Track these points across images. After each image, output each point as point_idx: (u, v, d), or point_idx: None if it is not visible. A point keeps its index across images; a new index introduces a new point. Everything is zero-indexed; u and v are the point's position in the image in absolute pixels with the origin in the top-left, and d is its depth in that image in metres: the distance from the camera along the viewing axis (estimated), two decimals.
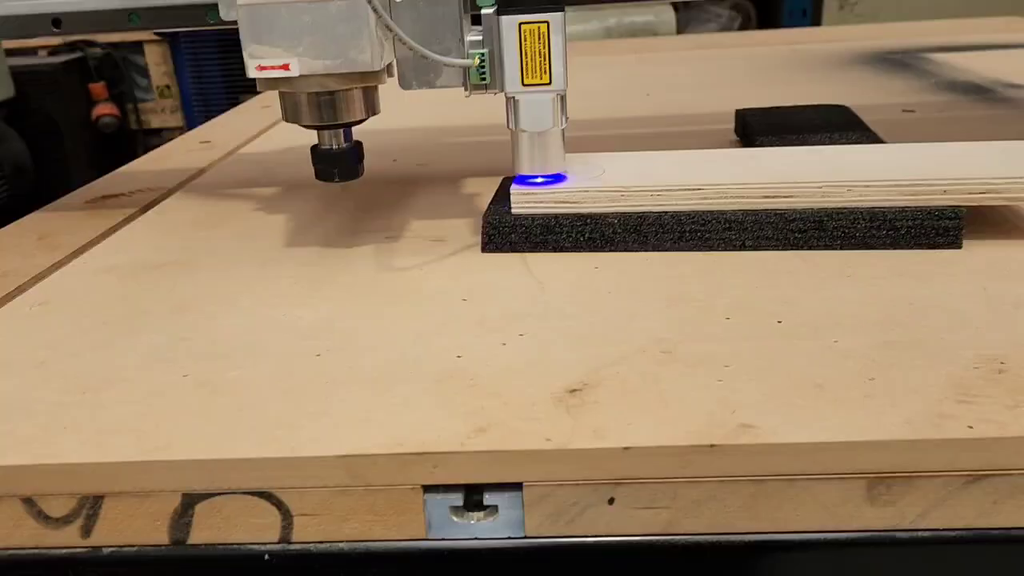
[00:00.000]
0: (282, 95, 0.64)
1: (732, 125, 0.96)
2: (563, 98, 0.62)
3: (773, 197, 0.63)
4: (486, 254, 0.66)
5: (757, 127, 0.88)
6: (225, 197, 0.84)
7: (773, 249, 0.63)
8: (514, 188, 0.65)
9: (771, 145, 0.80)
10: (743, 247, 0.63)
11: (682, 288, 0.57)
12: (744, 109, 0.96)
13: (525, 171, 0.66)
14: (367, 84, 0.63)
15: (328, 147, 0.65)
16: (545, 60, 0.62)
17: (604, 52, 1.66)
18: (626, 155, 0.72)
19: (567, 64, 0.63)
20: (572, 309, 0.56)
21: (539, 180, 0.66)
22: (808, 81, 1.25)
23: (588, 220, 0.64)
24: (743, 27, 2.59)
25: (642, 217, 0.64)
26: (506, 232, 0.65)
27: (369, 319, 0.55)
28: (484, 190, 0.81)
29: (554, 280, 0.60)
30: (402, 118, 1.16)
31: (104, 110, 2.59)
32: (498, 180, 0.74)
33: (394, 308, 0.57)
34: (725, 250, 0.63)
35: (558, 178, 0.66)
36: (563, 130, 0.65)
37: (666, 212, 0.64)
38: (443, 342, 0.51)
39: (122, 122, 2.66)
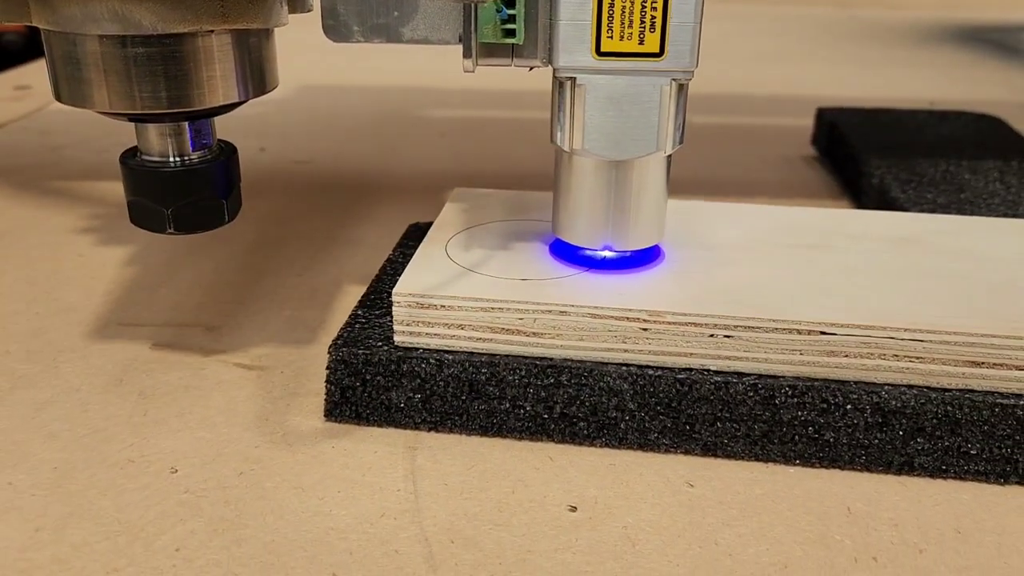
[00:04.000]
0: (47, 43, 0.28)
1: (808, 127, 0.60)
2: (683, 88, 0.29)
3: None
4: (331, 425, 0.30)
5: (863, 147, 0.52)
6: None
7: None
8: (403, 288, 0.29)
9: (904, 188, 0.45)
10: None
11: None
12: (830, 109, 0.60)
13: (580, 238, 0.31)
14: (239, 25, 0.28)
15: (159, 160, 0.30)
16: (655, 2, 0.27)
17: None
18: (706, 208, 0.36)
19: (703, 14, 0.28)
20: None
21: (602, 255, 0.31)
22: (888, 63, 0.89)
23: (583, 375, 0.28)
24: None
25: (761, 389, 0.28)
26: (378, 387, 0.29)
27: None
28: (388, 224, 0.44)
29: (492, 532, 0.25)
30: (316, 65, 0.79)
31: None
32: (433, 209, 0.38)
33: None
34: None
35: (645, 257, 0.31)
36: (670, 159, 0.30)
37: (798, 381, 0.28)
38: None
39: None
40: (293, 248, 0.43)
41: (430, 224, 0.38)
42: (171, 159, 0.30)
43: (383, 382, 0.29)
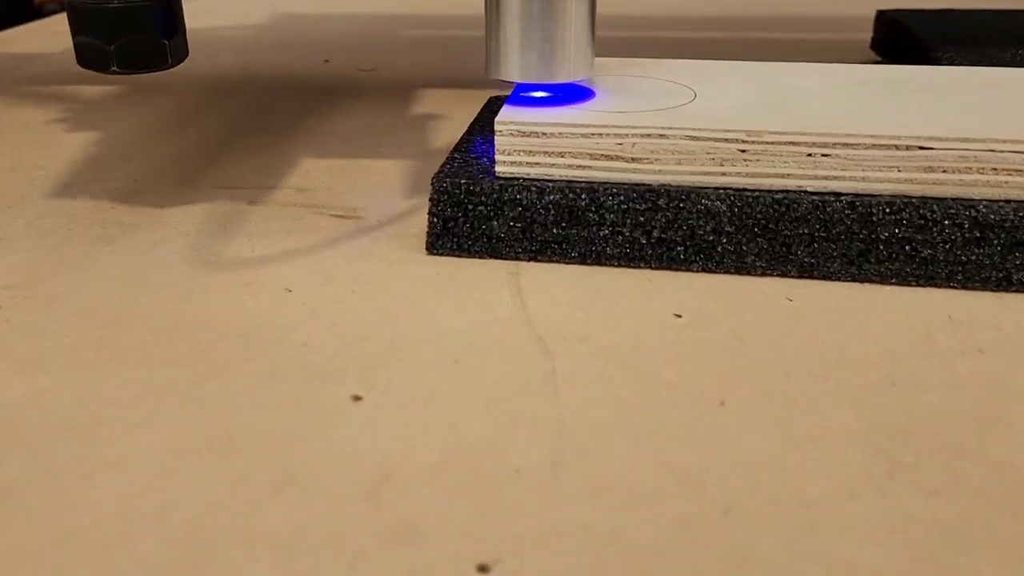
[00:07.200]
0: None
1: (866, 35, 0.60)
2: None
3: None
4: (433, 258, 0.31)
5: (929, 38, 0.52)
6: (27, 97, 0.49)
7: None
8: (504, 117, 0.30)
9: (957, 61, 0.45)
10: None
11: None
12: (891, 11, 0.59)
13: (514, 74, 0.31)
14: None
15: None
16: None
17: None
18: (734, 66, 0.37)
19: None
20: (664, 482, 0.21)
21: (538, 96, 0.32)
22: None
23: (681, 199, 0.29)
24: None
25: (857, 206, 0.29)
26: (480, 217, 0.30)
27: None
28: (461, 114, 0.45)
29: (604, 355, 0.25)
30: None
31: None
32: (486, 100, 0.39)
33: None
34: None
35: (576, 94, 0.32)
36: None
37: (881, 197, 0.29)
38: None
39: None
40: (371, 133, 0.44)
41: None
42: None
43: (485, 212, 0.30)
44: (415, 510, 0.19)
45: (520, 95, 0.32)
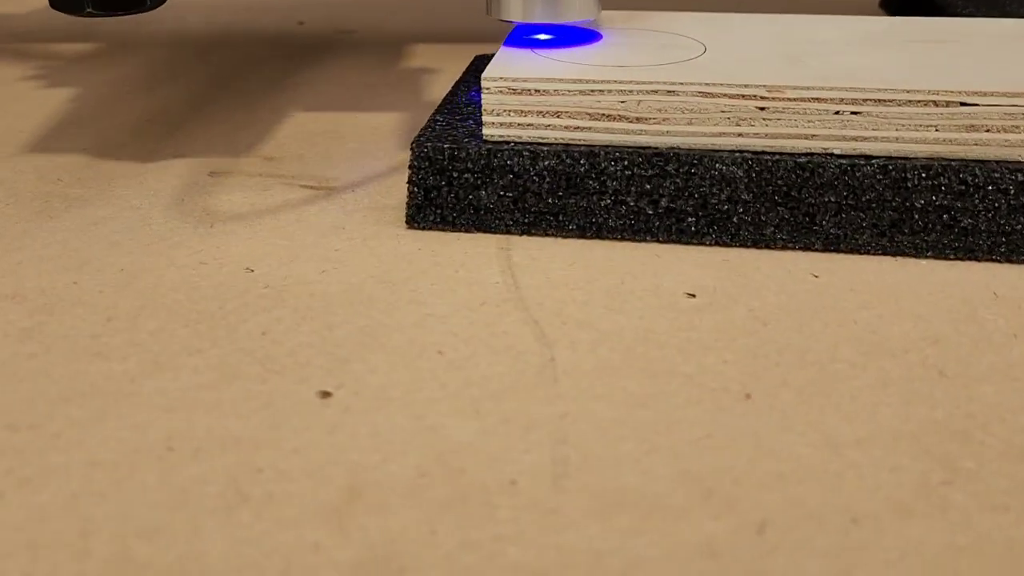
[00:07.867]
0: None
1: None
2: None
3: None
4: (414, 232, 0.27)
5: None
6: None
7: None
8: (493, 72, 0.27)
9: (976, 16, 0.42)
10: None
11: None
12: None
13: (516, 14, 0.28)
14: None
15: None
16: None
17: None
18: (740, 18, 0.33)
19: None
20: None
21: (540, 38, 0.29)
22: None
23: (692, 164, 0.26)
24: None
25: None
26: (466, 186, 0.27)
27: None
28: (454, 70, 0.42)
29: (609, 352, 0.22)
30: None
31: None
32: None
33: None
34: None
35: (582, 37, 0.29)
36: None
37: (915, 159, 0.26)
38: None
39: None
40: (350, 95, 0.41)
41: None
42: None
43: (471, 180, 0.27)
44: (388, 534, 0.16)
45: (522, 37, 0.29)
